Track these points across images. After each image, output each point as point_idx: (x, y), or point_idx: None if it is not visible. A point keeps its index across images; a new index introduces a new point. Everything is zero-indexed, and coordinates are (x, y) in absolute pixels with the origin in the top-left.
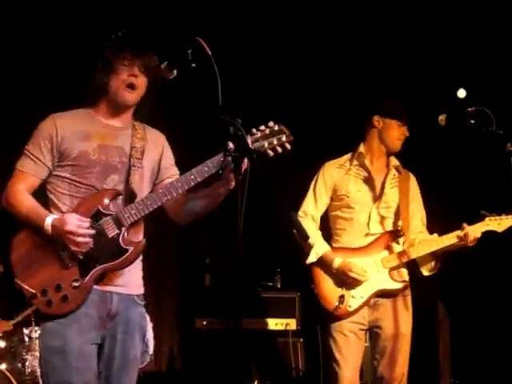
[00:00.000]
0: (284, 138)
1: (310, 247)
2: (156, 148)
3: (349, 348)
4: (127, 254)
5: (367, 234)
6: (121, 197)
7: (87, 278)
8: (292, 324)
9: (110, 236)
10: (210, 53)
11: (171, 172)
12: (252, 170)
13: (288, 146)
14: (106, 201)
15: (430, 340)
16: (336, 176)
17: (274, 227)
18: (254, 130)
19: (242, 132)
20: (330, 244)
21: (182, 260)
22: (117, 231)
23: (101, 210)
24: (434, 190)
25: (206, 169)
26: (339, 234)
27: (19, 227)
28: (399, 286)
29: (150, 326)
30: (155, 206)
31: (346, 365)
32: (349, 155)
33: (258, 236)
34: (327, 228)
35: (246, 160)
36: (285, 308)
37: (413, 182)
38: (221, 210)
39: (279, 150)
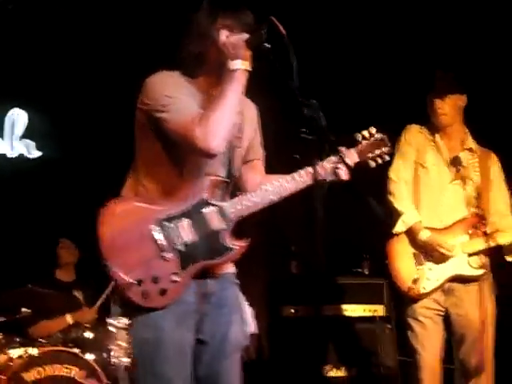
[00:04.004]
0: (385, 149)
1: (399, 216)
2: (251, 123)
3: (426, 334)
4: (230, 253)
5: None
6: (222, 184)
7: (186, 272)
8: (380, 310)
9: (212, 230)
10: (284, 32)
11: (260, 152)
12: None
13: (387, 158)
14: (210, 188)
15: None
16: (418, 139)
17: (360, 213)
18: (360, 139)
19: (319, 114)
20: None
21: (269, 247)
22: (220, 226)
23: (205, 198)
24: None
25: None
26: None
27: (111, 197)
28: (477, 272)
29: (245, 304)
30: (261, 206)
31: (425, 351)
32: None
33: (345, 222)
34: None
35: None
36: (372, 294)
37: (494, 161)
38: (306, 197)
39: (379, 161)
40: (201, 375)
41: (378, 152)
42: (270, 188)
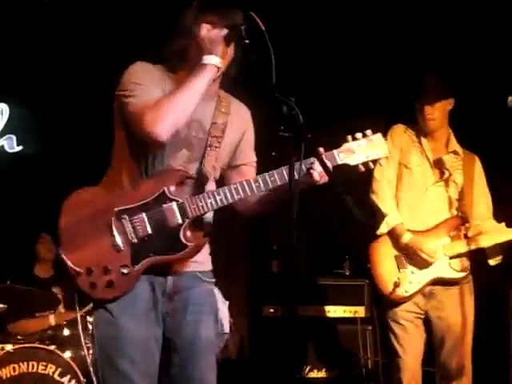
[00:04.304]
0: (380, 154)
1: (383, 217)
2: (239, 125)
3: (407, 337)
4: (185, 250)
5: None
6: (190, 180)
7: (138, 266)
8: (360, 312)
9: (170, 225)
10: (263, 28)
11: (249, 158)
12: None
13: (382, 163)
14: (174, 183)
15: (501, 331)
16: (402, 140)
17: (341, 213)
18: (350, 139)
19: (296, 111)
20: None
21: (250, 247)
22: (179, 221)
23: (166, 193)
24: (502, 174)
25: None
26: None
27: (73, 189)
28: (458, 275)
29: (222, 304)
30: (225, 203)
31: (406, 354)
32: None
33: (325, 223)
34: None
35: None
36: (353, 295)
37: (478, 164)
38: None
39: (371, 166)
40: (173, 374)
41: (370, 157)
42: (235, 187)
